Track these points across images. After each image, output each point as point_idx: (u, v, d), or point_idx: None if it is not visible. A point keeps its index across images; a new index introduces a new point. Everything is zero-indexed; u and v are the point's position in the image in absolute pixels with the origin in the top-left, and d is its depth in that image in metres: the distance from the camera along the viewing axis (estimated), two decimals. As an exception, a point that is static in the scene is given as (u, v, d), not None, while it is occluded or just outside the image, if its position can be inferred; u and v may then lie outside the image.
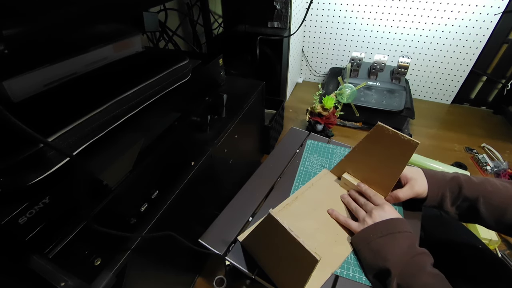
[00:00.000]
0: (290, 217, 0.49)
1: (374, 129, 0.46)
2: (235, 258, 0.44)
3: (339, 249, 0.44)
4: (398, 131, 0.43)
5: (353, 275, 0.41)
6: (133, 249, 0.41)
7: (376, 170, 0.49)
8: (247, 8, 1.12)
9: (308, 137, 0.69)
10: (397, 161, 0.45)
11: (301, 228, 0.47)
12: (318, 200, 0.51)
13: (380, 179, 0.49)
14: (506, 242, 0.75)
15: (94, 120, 0.38)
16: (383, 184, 0.49)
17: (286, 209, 0.50)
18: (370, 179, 0.50)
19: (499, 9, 1.07)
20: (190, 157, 0.55)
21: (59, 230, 0.35)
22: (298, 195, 0.53)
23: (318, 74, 1.57)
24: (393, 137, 0.44)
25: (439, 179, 0.46)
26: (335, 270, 0.42)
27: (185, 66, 0.57)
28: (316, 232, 0.46)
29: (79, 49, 0.46)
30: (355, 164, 0.52)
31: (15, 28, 0.35)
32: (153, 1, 0.73)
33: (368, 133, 0.47)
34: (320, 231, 0.46)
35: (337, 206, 0.50)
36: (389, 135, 0.44)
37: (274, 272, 0.41)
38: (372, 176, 0.50)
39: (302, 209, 0.50)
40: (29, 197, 0.31)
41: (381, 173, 0.48)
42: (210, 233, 0.48)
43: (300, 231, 0.45)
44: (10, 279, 0.33)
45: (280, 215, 0.50)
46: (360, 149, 0.50)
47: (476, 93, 1.33)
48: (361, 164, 0.51)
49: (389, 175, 0.47)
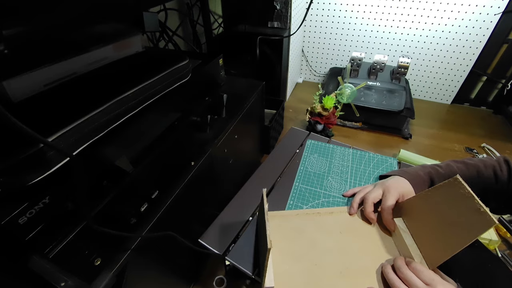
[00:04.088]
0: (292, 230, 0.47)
1: (450, 181, 0.38)
2: (235, 258, 0.44)
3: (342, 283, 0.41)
4: (475, 196, 0.34)
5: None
6: (133, 249, 0.41)
7: (431, 232, 0.40)
8: (247, 8, 1.12)
9: (308, 137, 0.69)
10: (460, 233, 0.36)
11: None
12: (335, 228, 0.47)
13: (431, 245, 0.40)
14: (506, 242, 0.75)
15: (94, 120, 0.38)
16: (432, 252, 0.39)
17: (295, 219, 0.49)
18: (421, 239, 0.41)
19: (499, 9, 1.07)
20: (190, 157, 0.55)
21: (59, 230, 0.35)
22: (313, 213, 0.50)
23: (318, 74, 1.57)
24: (468, 200, 0.35)
25: (419, 182, 0.47)
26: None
27: (185, 66, 0.57)
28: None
29: (79, 49, 0.46)
30: (413, 213, 0.44)
31: (15, 28, 0.35)
32: (153, 1, 0.73)
33: (441, 184, 0.39)
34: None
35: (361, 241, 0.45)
36: (464, 196, 0.36)
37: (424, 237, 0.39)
38: (425, 236, 0.41)
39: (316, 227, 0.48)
40: (29, 197, 0.31)
41: (435, 239, 0.39)
42: (210, 233, 0.48)
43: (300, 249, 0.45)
44: (10, 279, 0.33)
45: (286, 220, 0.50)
46: (424, 198, 0.42)
47: (476, 93, 1.33)
48: (419, 216, 0.42)
49: (443, 246, 0.37)
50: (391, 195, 0.45)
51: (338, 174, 0.59)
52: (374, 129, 1.17)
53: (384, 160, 0.62)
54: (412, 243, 0.41)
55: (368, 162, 0.62)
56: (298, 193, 0.54)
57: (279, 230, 0.48)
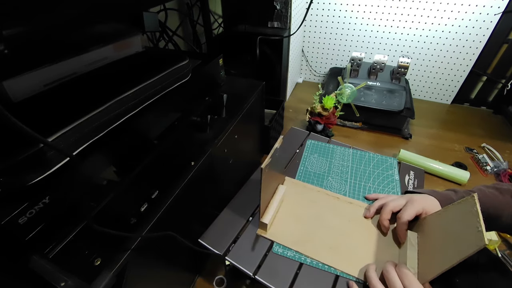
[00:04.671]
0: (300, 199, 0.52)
1: (467, 199, 0.37)
2: (235, 258, 0.44)
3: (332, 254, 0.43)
4: (480, 214, 0.34)
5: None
6: (133, 249, 0.41)
7: (433, 249, 0.39)
8: (247, 8, 1.12)
9: (308, 137, 0.69)
10: (454, 251, 0.35)
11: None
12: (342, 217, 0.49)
13: (428, 261, 0.39)
14: (506, 242, 0.75)
15: (94, 120, 0.38)
16: (426, 267, 0.39)
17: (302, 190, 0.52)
18: (424, 255, 0.41)
19: (499, 9, 1.07)
20: (190, 157, 0.55)
21: (59, 230, 0.35)
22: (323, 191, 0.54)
23: (318, 74, 1.57)
24: (473, 218, 0.35)
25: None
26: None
27: (185, 66, 0.57)
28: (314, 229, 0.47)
29: (79, 49, 0.46)
30: (427, 228, 0.43)
31: (15, 28, 0.35)
32: (153, 1, 0.73)
33: (459, 201, 0.39)
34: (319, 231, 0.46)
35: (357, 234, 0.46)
36: (472, 214, 0.35)
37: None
38: (428, 252, 0.40)
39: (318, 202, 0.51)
40: (29, 197, 0.31)
41: (433, 255, 0.39)
42: (210, 233, 0.48)
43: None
44: (10, 279, 0.33)
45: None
46: (441, 215, 0.41)
47: (476, 93, 1.32)
48: (431, 232, 0.42)
49: (437, 262, 0.37)
50: (412, 207, 0.44)
51: (338, 174, 0.59)
52: (374, 129, 1.17)
53: (384, 160, 0.62)
54: (414, 257, 0.41)
55: (368, 162, 0.62)
56: (298, 193, 0.54)
57: (296, 195, 0.53)
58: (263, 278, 0.41)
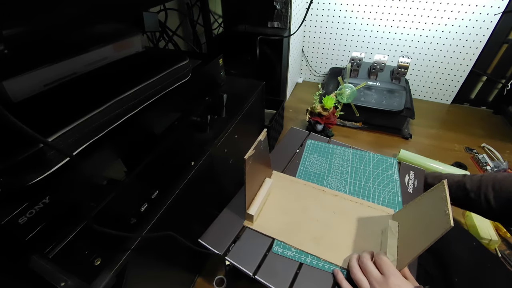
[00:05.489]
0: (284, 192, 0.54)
1: (438, 185, 0.40)
2: (235, 258, 0.44)
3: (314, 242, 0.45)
4: (448, 198, 0.36)
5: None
6: (133, 249, 0.41)
7: (410, 236, 0.42)
8: (247, 8, 1.12)
9: (308, 137, 0.69)
10: (425, 235, 0.37)
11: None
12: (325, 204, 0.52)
13: (405, 247, 0.41)
14: (506, 242, 0.75)
15: (94, 120, 0.38)
16: (403, 254, 0.41)
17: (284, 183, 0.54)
18: (402, 242, 0.43)
19: (499, 9, 1.07)
20: (190, 157, 0.55)
21: (59, 230, 0.35)
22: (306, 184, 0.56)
23: (318, 74, 1.57)
24: (442, 203, 0.37)
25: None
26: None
27: (185, 66, 0.57)
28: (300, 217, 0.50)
29: (79, 49, 0.46)
30: (405, 218, 0.46)
31: (15, 28, 0.35)
32: (153, 1, 0.73)
33: (431, 189, 0.41)
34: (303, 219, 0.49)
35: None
36: (441, 199, 0.37)
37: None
38: (405, 239, 0.42)
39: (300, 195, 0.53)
40: (29, 197, 0.31)
41: (409, 241, 0.41)
42: (210, 233, 0.48)
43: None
44: (10, 279, 0.33)
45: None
46: (418, 204, 0.44)
47: (476, 93, 1.32)
48: (408, 221, 0.44)
49: (412, 247, 0.39)
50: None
51: (338, 174, 0.59)
52: (374, 129, 1.17)
53: (384, 160, 0.62)
54: (394, 245, 0.43)
55: (368, 162, 0.62)
56: (298, 193, 0.54)
57: (283, 188, 0.55)
58: (263, 278, 0.41)
